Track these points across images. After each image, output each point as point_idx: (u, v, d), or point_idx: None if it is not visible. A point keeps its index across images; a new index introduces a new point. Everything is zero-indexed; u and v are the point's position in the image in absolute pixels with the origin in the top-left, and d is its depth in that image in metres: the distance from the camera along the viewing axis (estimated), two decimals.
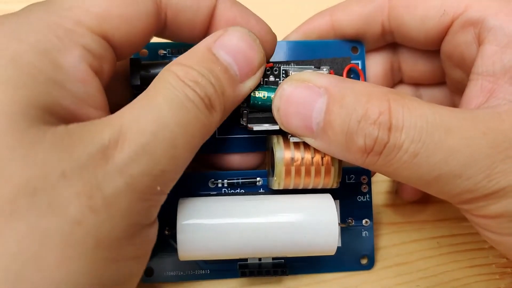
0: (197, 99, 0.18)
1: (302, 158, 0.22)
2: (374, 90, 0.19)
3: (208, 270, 0.26)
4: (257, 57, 0.21)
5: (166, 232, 0.24)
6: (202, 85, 0.18)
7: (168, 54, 0.25)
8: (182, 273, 0.25)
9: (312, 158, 0.22)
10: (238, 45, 0.20)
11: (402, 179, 0.20)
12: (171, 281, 0.26)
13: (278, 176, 0.23)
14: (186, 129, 0.18)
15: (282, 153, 0.22)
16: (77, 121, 0.17)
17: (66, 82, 0.17)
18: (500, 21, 0.21)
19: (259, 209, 0.23)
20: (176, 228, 0.22)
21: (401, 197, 0.29)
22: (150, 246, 0.19)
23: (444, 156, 0.18)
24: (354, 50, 0.26)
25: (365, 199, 0.26)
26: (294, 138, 0.22)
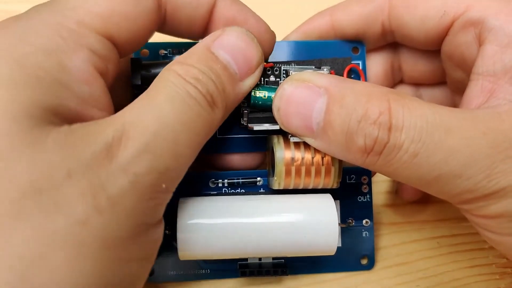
0: (199, 96, 0.18)
1: (303, 158, 0.22)
2: (374, 90, 0.19)
3: (208, 270, 0.26)
4: (256, 56, 0.21)
5: (167, 232, 0.24)
6: (203, 82, 0.18)
7: (169, 54, 0.25)
8: (182, 272, 0.25)
9: (313, 158, 0.22)
10: (237, 44, 0.20)
11: (402, 179, 0.20)
12: (172, 280, 0.26)
13: (279, 176, 0.23)
14: (188, 126, 0.18)
15: (283, 153, 0.22)
16: (80, 121, 0.17)
17: (71, 83, 0.17)
18: (501, 21, 0.21)
19: (260, 209, 0.23)
20: (177, 228, 0.22)
21: (401, 197, 0.29)
22: (156, 246, 0.19)
23: (444, 156, 0.18)
24: (354, 51, 0.26)
25: (365, 199, 0.26)
26: (294, 138, 0.22)
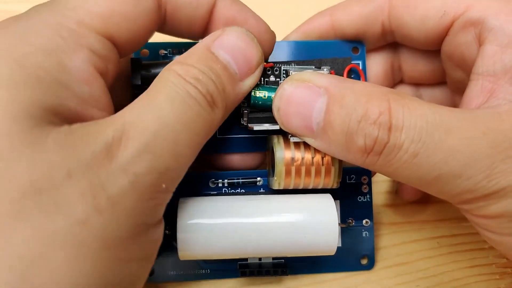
0: (199, 96, 0.18)
1: (303, 158, 0.22)
2: (374, 90, 0.19)
3: (208, 270, 0.26)
4: (256, 56, 0.21)
5: (167, 232, 0.24)
6: (204, 82, 0.18)
7: (169, 54, 0.25)
8: (182, 272, 0.25)
9: (313, 158, 0.22)
10: (237, 45, 0.20)
11: (402, 179, 0.20)
12: (172, 280, 0.26)
13: (278, 176, 0.23)
14: (188, 126, 0.18)
15: (283, 153, 0.22)
16: (80, 121, 0.17)
17: (71, 84, 0.17)
18: (501, 21, 0.21)
19: (259, 209, 0.23)
20: (177, 228, 0.22)
21: (401, 197, 0.29)
22: (157, 246, 0.19)
23: (444, 156, 0.18)
24: (354, 51, 0.26)
25: (365, 199, 0.26)
26: (294, 138, 0.22)
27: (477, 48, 0.22)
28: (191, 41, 0.24)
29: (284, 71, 0.24)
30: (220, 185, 0.25)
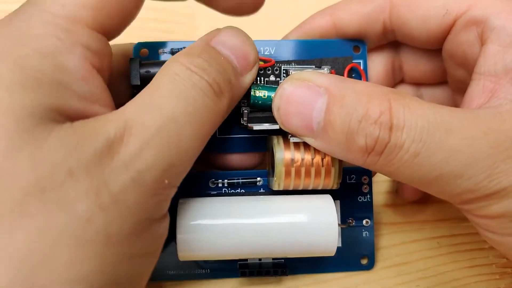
0: (205, 86, 0.18)
1: (302, 159, 0.22)
2: (375, 90, 0.19)
3: (208, 270, 0.26)
4: (252, 53, 0.21)
5: None
6: (210, 71, 0.18)
7: (168, 54, 0.25)
8: (182, 272, 0.25)
9: (312, 159, 0.22)
10: (233, 42, 0.21)
11: (403, 179, 0.20)
12: (172, 280, 0.26)
13: (278, 176, 0.23)
14: (194, 118, 0.18)
15: (282, 153, 0.22)
16: (82, 118, 0.17)
17: (71, 83, 0.17)
18: (503, 21, 0.21)
19: (259, 209, 0.23)
20: (176, 228, 0.22)
21: (401, 197, 0.29)
22: (161, 241, 0.19)
23: (445, 156, 0.18)
24: (356, 50, 0.26)
25: (365, 199, 0.26)
26: (294, 138, 0.21)
27: (479, 48, 0.22)
28: (191, 40, 0.24)
29: (284, 71, 0.24)
30: (220, 185, 0.25)
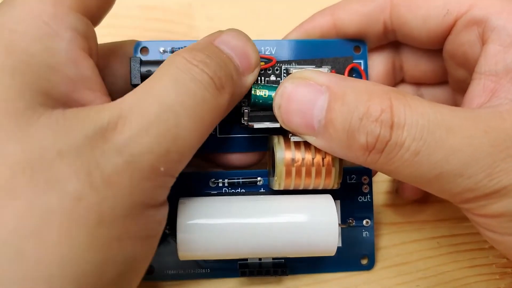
0: (206, 79, 0.18)
1: (303, 159, 0.22)
2: (376, 89, 0.19)
3: (208, 269, 0.26)
4: (254, 55, 0.21)
5: (167, 231, 0.24)
6: (211, 65, 0.19)
7: (169, 53, 0.25)
8: (182, 272, 0.25)
9: (313, 159, 0.22)
10: (236, 42, 0.21)
11: (403, 178, 0.20)
12: (171, 279, 0.26)
13: (279, 176, 0.23)
14: (193, 110, 0.18)
15: (283, 153, 0.22)
16: (74, 105, 0.17)
17: (60, 65, 0.17)
18: (504, 21, 0.21)
19: (260, 209, 0.23)
20: (176, 227, 0.22)
21: (402, 196, 0.29)
22: (160, 227, 0.19)
23: (445, 155, 0.18)
24: (356, 50, 0.26)
25: (366, 199, 0.26)
26: (295, 137, 0.21)
27: (479, 47, 0.22)
28: (191, 40, 0.24)
29: (284, 70, 0.24)
30: (220, 184, 0.25)
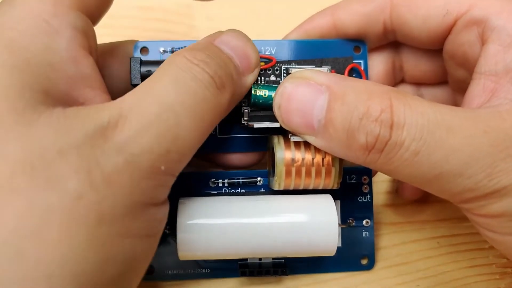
0: (207, 78, 0.18)
1: (303, 159, 0.22)
2: (375, 88, 0.19)
3: (208, 269, 0.26)
4: (254, 55, 0.21)
5: (167, 231, 0.24)
6: (212, 65, 0.19)
7: (169, 53, 0.25)
8: (182, 271, 0.25)
9: (313, 159, 0.22)
10: (236, 42, 0.21)
11: (403, 178, 0.20)
12: (171, 279, 0.26)
13: (279, 176, 0.23)
14: (193, 110, 0.18)
15: (283, 153, 0.22)
16: (75, 103, 0.17)
17: (60, 64, 0.17)
18: (504, 21, 0.21)
19: (260, 209, 0.23)
20: (176, 227, 0.22)
21: (402, 196, 0.29)
22: (160, 226, 0.19)
23: (445, 155, 0.18)
24: (356, 50, 0.26)
25: (366, 200, 0.26)
26: (295, 137, 0.21)
27: (479, 47, 0.22)
28: (191, 40, 0.24)
29: (284, 71, 0.24)
30: (220, 184, 0.25)
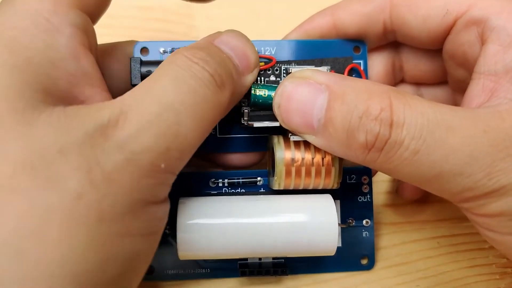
0: (206, 76, 0.18)
1: (303, 159, 0.22)
2: (375, 88, 0.19)
3: (208, 269, 0.26)
4: (253, 55, 0.21)
5: (167, 231, 0.24)
6: (211, 63, 0.19)
7: (169, 53, 0.25)
8: (182, 271, 0.25)
9: (313, 159, 0.22)
10: (236, 42, 0.21)
11: (403, 177, 0.20)
12: (171, 279, 0.26)
13: (279, 176, 0.23)
14: (193, 109, 0.18)
15: (283, 153, 0.22)
16: (75, 101, 0.17)
17: (60, 62, 0.17)
18: (503, 21, 0.21)
19: (259, 209, 0.23)
20: (176, 227, 0.22)
21: (401, 196, 0.29)
22: (161, 224, 0.19)
23: (444, 154, 0.18)
24: (356, 50, 0.26)
25: (365, 199, 0.26)
26: (295, 137, 0.22)
27: (479, 47, 0.22)
28: (191, 40, 0.24)
29: (284, 71, 0.24)
30: (220, 184, 0.25)
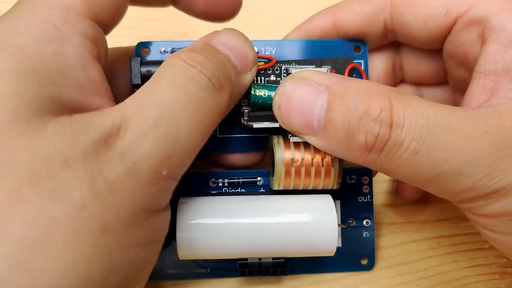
0: (204, 79, 0.18)
1: (302, 159, 0.22)
2: (375, 88, 0.19)
3: (208, 269, 0.26)
4: (251, 53, 0.21)
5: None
6: (209, 66, 0.19)
7: (169, 53, 0.25)
8: (181, 271, 0.25)
9: (312, 159, 0.22)
10: (233, 42, 0.21)
11: (403, 177, 0.20)
12: (171, 279, 0.26)
13: (278, 176, 0.23)
14: (192, 112, 0.18)
15: (282, 153, 0.22)
16: (82, 110, 0.17)
17: (69, 71, 0.17)
18: (504, 20, 0.21)
19: (259, 209, 0.23)
20: (176, 227, 0.22)
21: (401, 196, 0.29)
22: (163, 232, 0.19)
23: (444, 154, 0.18)
24: (356, 50, 0.26)
25: (366, 200, 0.26)
26: (294, 138, 0.21)
27: (479, 47, 0.22)
28: (191, 40, 0.24)
29: (284, 70, 0.24)
30: (220, 184, 0.25)
